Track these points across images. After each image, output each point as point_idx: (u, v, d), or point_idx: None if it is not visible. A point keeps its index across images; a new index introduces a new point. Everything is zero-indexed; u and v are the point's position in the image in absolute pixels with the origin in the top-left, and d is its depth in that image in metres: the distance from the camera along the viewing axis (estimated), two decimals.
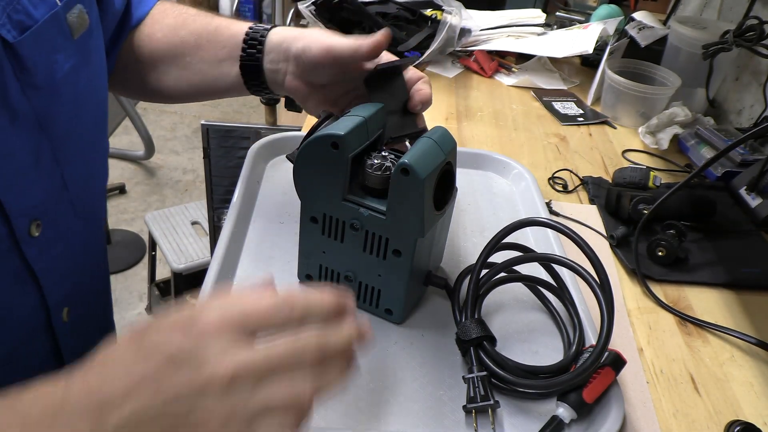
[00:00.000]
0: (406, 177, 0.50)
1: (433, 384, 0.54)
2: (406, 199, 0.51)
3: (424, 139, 0.53)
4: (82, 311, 0.59)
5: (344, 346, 0.36)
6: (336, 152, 0.51)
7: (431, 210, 0.53)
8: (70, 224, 0.55)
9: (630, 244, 0.75)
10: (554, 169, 0.93)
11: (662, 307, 0.70)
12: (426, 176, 0.50)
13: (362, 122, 0.53)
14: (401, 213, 0.52)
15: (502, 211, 0.78)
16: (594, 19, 1.35)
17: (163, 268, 2.12)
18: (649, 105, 1.07)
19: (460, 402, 0.52)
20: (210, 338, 0.33)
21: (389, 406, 0.52)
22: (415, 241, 0.53)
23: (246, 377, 0.33)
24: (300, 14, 1.26)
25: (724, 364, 0.63)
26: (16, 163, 0.46)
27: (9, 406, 0.34)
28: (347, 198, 0.54)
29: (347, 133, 0.51)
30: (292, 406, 0.34)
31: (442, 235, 0.62)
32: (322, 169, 0.53)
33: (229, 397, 0.33)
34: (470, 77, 1.25)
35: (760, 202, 0.82)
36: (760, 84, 1.06)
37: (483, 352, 0.53)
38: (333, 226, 0.56)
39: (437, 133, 0.54)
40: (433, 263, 0.62)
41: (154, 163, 2.85)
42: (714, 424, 0.56)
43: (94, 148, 0.59)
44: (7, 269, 0.48)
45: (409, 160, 0.49)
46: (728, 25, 1.05)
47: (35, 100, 0.47)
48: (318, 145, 0.52)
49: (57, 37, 0.49)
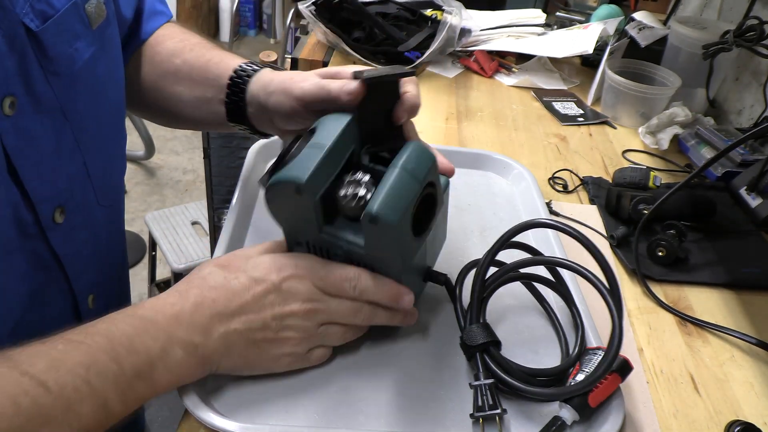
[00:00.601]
0: (375, 226, 0.46)
1: (434, 384, 0.54)
2: (380, 244, 0.49)
3: (394, 171, 0.47)
4: (106, 299, 0.61)
5: (389, 320, 0.54)
6: (302, 196, 0.47)
7: (409, 244, 0.50)
8: (92, 212, 0.57)
9: (630, 244, 0.75)
10: (554, 169, 0.93)
11: (662, 307, 0.70)
12: (398, 221, 0.46)
13: (325, 157, 0.48)
14: (379, 253, 0.50)
15: (502, 212, 0.78)
16: (594, 19, 1.35)
17: (163, 268, 2.12)
18: (649, 105, 1.08)
19: (460, 402, 0.52)
20: (300, 282, 0.50)
21: (389, 406, 0.52)
22: (398, 271, 0.51)
23: (321, 313, 0.51)
24: (300, 14, 1.26)
25: (724, 364, 0.63)
26: (40, 149, 0.48)
27: (140, 316, 0.45)
28: (325, 231, 0.51)
29: (309, 177, 0.46)
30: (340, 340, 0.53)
31: (437, 233, 0.59)
32: (291, 210, 0.50)
33: (307, 326, 0.50)
34: (470, 77, 1.25)
35: (760, 202, 0.82)
36: (760, 84, 1.06)
37: (489, 357, 0.53)
38: (317, 249, 0.53)
39: (410, 157, 0.48)
40: (432, 254, 0.60)
41: (155, 163, 2.85)
42: (714, 424, 0.56)
43: (113, 136, 0.60)
44: (33, 256, 0.50)
45: (376, 209, 0.45)
46: (728, 25, 1.06)
47: (57, 87, 0.49)
48: (280, 192, 0.49)
49: (77, 26, 0.51)
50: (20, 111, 0.45)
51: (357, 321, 0.52)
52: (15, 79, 0.45)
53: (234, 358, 0.48)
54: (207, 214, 1.59)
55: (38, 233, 0.50)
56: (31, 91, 0.46)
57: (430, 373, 0.55)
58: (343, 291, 0.51)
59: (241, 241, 0.67)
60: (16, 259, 0.48)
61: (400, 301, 0.52)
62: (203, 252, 1.76)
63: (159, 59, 0.66)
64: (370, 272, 0.52)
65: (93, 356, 0.41)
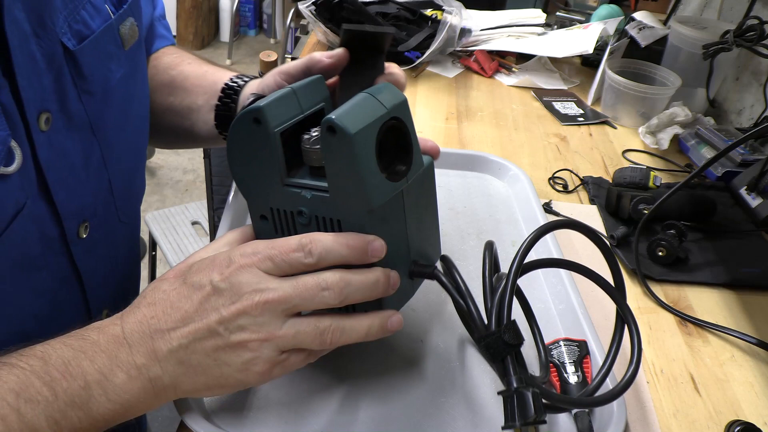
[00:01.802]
0: (333, 137, 0.42)
1: (434, 391, 0.53)
2: (342, 165, 0.43)
3: (360, 94, 0.45)
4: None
5: (368, 287, 0.44)
6: (259, 128, 0.45)
7: (376, 175, 0.44)
8: (114, 227, 0.57)
9: (630, 244, 0.75)
10: (554, 169, 0.93)
11: (662, 307, 0.69)
12: (357, 131, 0.42)
13: (288, 93, 0.47)
14: (343, 184, 0.44)
15: (498, 214, 0.78)
16: (594, 19, 1.35)
17: (164, 268, 2.12)
18: (650, 105, 1.07)
19: (460, 409, 0.51)
20: (245, 272, 0.42)
21: (385, 413, 0.51)
22: (368, 215, 0.44)
23: (277, 303, 0.42)
24: (300, 14, 1.26)
25: (724, 364, 0.63)
26: (69, 164, 0.49)
27: (80, 337, 0.42)
28: (287, 183, 0.47)
29: (267, 104, 0.45)
30: (316, 338, 0.43)
31: (424, 217, 0.52)
32: (252, 152, 0.47)
33: (264, 321, 0.42)
34: (470, 77, 1.25)
35: (760, 202, 0.81)
36: (761, 84, 1.06)
37: (517, 361, 0.46)
38: (282, 220, 0.49)
39: (378, 88, 0.46)
40: (424, 254, 0.52)
41: (155, 163, 2.85)
42: (714, 424, 0.56)
43: (136, 154, 0.61)
44: (56, 271, 0.50)
45: (335, 116, 0.42)
46: (728, 25, 1.05)
47: (89, 105, 0.50)
48: (240, 125, 0.46)
49: (111, 46, 0.52)
50: (54, 127, 0.46)
51: (327, 299, 0.43)
52: (51, 96, 0.46)
53: (192, 377, 0.43)
54: (207, 214, 1.59)
55: (62, 248, 0.50)
56: (65, 109, 0.47)
57: (426, 379, 0.54)
58: (297, 263, 0.43)
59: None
60: (41, 274, 0.48)
61: (369, 249, 0.44)
62: None
63: (154, 72, 0.67)
64: (325, 232, 0.45)
65: (25, 381, 0.38)
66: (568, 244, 0.75)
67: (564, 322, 0.61)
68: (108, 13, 0.52)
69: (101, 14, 0.51)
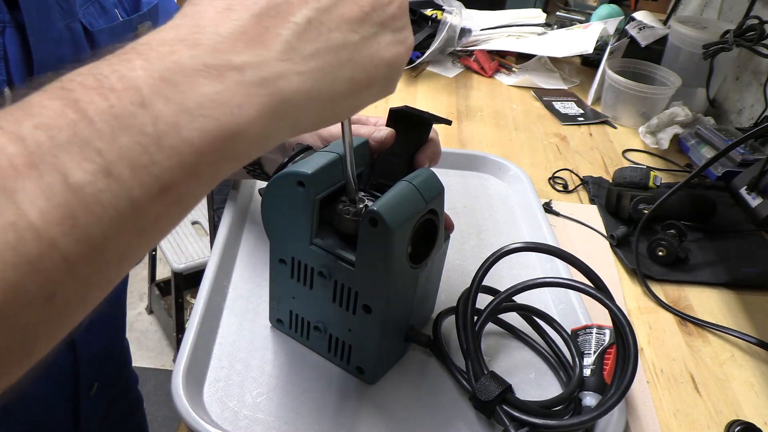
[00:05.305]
0: (374, 228, 0.44)
1: (435, 391, 0.53)
2: (375, 252, 0.45)
3: (403, 184, 0.47)
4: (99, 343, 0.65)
5: None
6: (302, 191, 0.46)
7: (404, 265, 0.47)
8: None
9: (630, 244, 0.75)
10: (554, 169, 0.93)
11: (662, 307, 0.69)
12: (397, 227, 0.44)
13: (335, 160, 0.48)
14: (371, 266, 0.46)
15: (498, 214, 0.78)
16: (594, 19, 1.35)
17: (164, 268, 2.12)
18: (650, 105, 1.07)
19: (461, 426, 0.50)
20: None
21: (385, 413, 0.51)
22: (387, 298, 0.47)
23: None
24: None
25: (724, 364, 0.63)
26: None
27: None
28: (315, 242, 0.49)
29: (315, 171, 0.46)
30: (406, 38, 0.34)
31: (429, 287, 0.56)
32: (288, 209, 0.48)
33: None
34: (470, 77, 1.25)
35: (760, 202, 0.81)
36: (761, 84, 1.06)
37: (508, 406, 0.48)
38: (301, 270, 0.51)
39: (420, 177, 0.48)
40: (420, 316, 0.57)
41: None
42: (714, 424, 0.56)
43: None
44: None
45: (378, 208, 0.43)
46: (728, 24, 1.05)
47: None
48: (283, 183, 0.47)
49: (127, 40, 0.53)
50: None
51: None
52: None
53: (313, 63, 0.29)
54: (207, 214, 1.59)
55: None
56: None
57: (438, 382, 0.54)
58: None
59: (238, 239, 0.67)
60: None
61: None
62: (203, 252, 1.76)
63: None
64: (341, 295, 0.49)
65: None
66: (567, 243, 0.75)
67: (564, 323, 0.61)
68: (116, 16, 0.53)
69: (107, 15, 0.52)
